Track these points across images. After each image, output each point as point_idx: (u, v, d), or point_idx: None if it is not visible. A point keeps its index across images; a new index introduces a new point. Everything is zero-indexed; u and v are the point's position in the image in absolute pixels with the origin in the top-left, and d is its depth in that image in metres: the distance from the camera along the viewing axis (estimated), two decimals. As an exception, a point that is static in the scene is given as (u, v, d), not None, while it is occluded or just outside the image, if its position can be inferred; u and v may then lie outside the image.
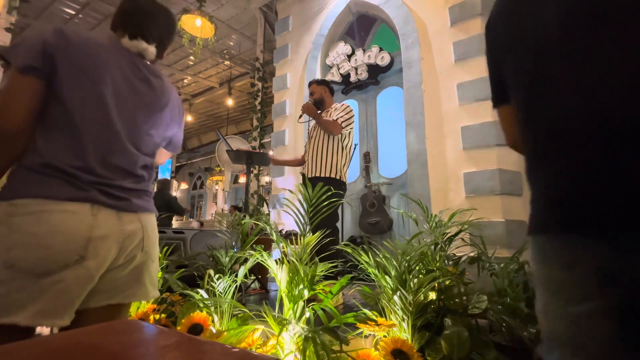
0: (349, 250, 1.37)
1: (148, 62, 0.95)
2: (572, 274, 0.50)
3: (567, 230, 0.50)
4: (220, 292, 1.37)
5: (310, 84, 2.53)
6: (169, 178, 5.97)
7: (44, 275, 0.66)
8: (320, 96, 2.44)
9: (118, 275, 0.78)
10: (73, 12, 6.03)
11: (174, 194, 10.56)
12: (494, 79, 0.69)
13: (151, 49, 0.95)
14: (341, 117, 2.28)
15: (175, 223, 10.43)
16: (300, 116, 2.48)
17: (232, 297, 1.40)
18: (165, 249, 1.86)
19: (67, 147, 0.71)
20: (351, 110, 2.34)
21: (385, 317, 1.24)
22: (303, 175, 2.40)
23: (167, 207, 4.56)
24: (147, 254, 0.85)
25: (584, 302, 0.48)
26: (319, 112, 2.36)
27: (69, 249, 0.68)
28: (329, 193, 1.38)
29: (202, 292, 1.33)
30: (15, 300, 0.63)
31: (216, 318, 1.32)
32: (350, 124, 2.32)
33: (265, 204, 4.58)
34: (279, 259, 1.24)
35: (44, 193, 0.67)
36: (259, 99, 5.15)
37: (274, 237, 1.33)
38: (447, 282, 1.38)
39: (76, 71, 0.76)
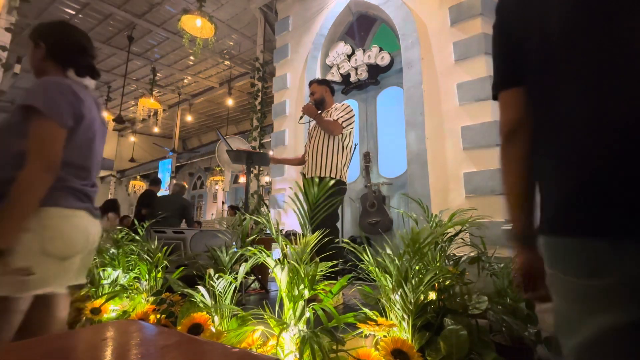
0: (349, 247, 1.37)
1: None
2: (599, 281, 0.44)
3: (594, 233, 0.45)
4: (220, 291, 1.37)
5: (310, 83, 2.52)
6: (185, 184, 5.86)
7: (66, 259, 0.96)
8: (321, 96, 2.43)
9: (87, 258, 1.10)
10: (73, 12, 6.03)
11: (174, 194, 10.55)
12: (503, 60, 0.65)
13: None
14: (342, 117, 2.28)
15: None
16: (301, 117, 2.47)
17: (232, 297, 1.40)
18: (165, 248, 1.86)
19: (77, 175, 1.02)
20: (352, 110, 2.33)
21: (386, 316, 1.24)
22: (303, 175, 2.40)
23: (181, 211, 4.35)
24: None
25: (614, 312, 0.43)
26: (319, 112, 2.36)
27: (81, 241, 1.01)
28: (331, 191, 1.38)
29: (202, 290, 1.33)
30: (49, 277, 0.92)
31: (216, 318, 1.32)
32: (350, 123, 2.32)
33: (265, 204, 4.58)
34: (279, 258, 1.23)
35: (66, 204, 0.97)
36: (259, 99, 5.15)
37: (275, 235, 1.33)
38: (447, 282, 1.38)
39: (86, 122, 1.03)
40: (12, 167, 0.89)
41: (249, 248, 1.36)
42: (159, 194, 5.49)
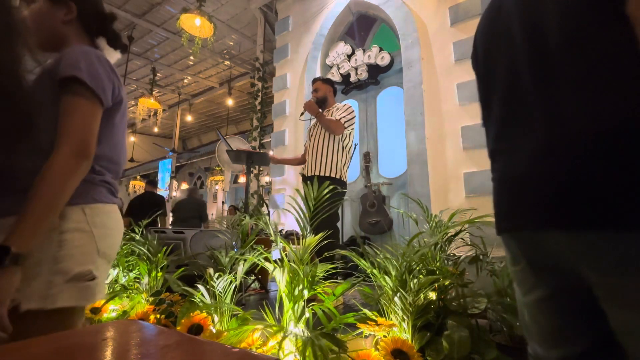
0: (349, 254, 1.37)
1: None
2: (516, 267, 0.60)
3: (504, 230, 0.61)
4: (219, 292, 1.37)
5: (314, 80, 2.51)
6: (197, 187, 6.18)
7: (112, 259, 0.87)
8: (324, 94, 2.43)
9: None
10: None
11: (173, 194, 10.57)
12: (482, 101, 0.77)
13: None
14: (343, 117, 2.28)
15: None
16: (302, 113, 2.46)
17: (232, 297, 1.40)
18: (165, 248, 1.86)
19: (109, 168, 0.88)
20: (353, 111, 2.34)
21: (386, 317, 1.24)
22: (303, 175, 2.40)
23: (198, 212, 4.69)
24: None
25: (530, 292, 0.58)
26: (320, 110, 2.35)
27: (121, 239, 0.92)
28: (330, 188, 1.38)
29: (202, 289, 1.33)
30: (101, 283, 0.81)
31: (216, 318, 1.32)
32: (352, 124, 2.32)
33: (265, 204, 4.59)
34: (279, 259, 1.23)
35: (106, 199, 0.85)
36: (259, 99, 5.15)
37: (274, 238, 1.33)
38: (447, 282, 1.38)
39: (123, 106, 0.90)
40: (36, 153, 0.73)
41: (248, 257, 1.36)
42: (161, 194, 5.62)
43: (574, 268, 0.49)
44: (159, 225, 4.50)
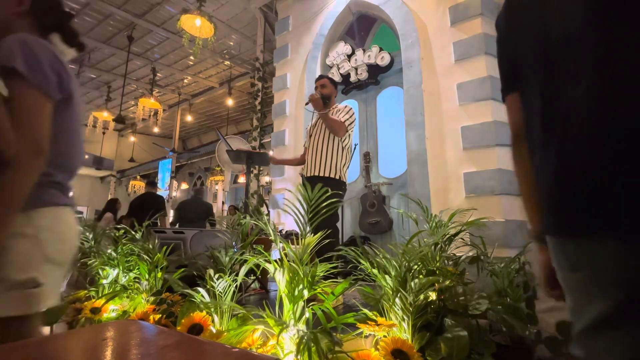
0: (349, 252, 1.37)
1: None
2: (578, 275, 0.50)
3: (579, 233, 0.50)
4: (220, 292, 1.37)
5: (322, 76, 2.49)
6: (202, 188, 6.30)
7: (64, 264, 0.83)
8: (330, 93, 2.43)
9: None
10: (73, 12, 6.02)
11: (173, 193, 10.57)
12: (505, 68, 0.70)
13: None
14: (346, 119, 2.28)
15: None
16: (307, 103, 2.39)
17: (232, 297, 1.40)
18: (165, 248, 1.86)
19: (62, 167, 0.84)
20: (354, 113, 2.35)
21: (386, 317, 1.24)
22: (302, 176, 2.40)
23: (206, 213, 4.77)
24: None
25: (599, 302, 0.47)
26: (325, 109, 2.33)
27: (76, 241, 0.88)
28: (329, 194, 1.38)
29: (202, 291, 1.33)
30: (55, 286, 0.79)
31: (216, 318, 1.32)
32: (353, 126, 2.34)
33: (265, 205, 4.59)
34: (279, 259, 1.23)
35: (55, 201, 0.81)
36: (259, 99, 5.15)
37: (274, 239, 1.33)
38: (447, 282, 1.38)
39: (75, 101, 0.85)
40: None
41: (248, 257, 1.36)
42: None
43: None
44: (159, 225, 4.53)
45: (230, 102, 8.47)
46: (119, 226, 2.24)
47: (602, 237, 0.46)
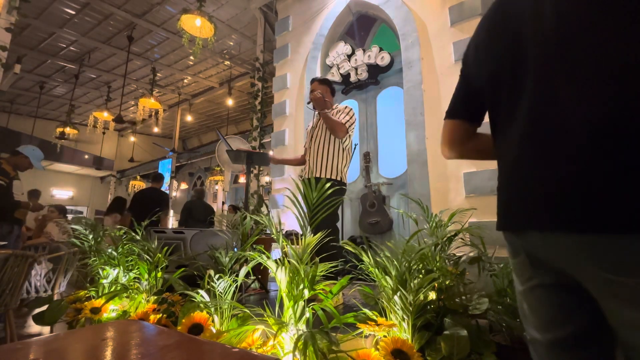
0: (349, 248, 1.37)
1: None
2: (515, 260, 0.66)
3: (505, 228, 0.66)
4: (220, 292, 1.37)
5: (312, 81, 2.50)
6: (202, 188, 6.37)
7: None
8: (322, 94, 2.42)
9: None
10: (73, 12, 6.03)
11: (173, 194, 10.57)
12: (464, 96, 0.85)
13: None
14: (347, 121, 2.28)
15: (177, 223, 10.44)
16: (309, 102, 2.36)
17: (232, 297, 1.40)
18: (165, 249, 1.86)
19: None
20: (354, 113, 2.34)
21: (386, 317, 1.24)
22: (302, 178, 2.39)
23: (206, 216, 4.84)
24: None
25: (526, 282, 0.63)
26: (326, 110, 2.33)
27: None
28: (330, 191, 1.38)
29: (202, 292, 1.33)
30: None
31: (216, 318, 1.32)
32: (353, 127, 2.34)
33: (265, 204, 4.59)
34: (279, 259, 1.23)
35: None
36: (259, 99, 5.15)
37: (276, 236, 1.33)
38: (447, 282, 1.38)
39: None
40: None
41: (250, 253, 1.36)
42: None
43: (568, 266, 0.54)
44: (160, 224, 4.51)
45: (230, 102, 8.47)
46: (119, 226, 2.24)
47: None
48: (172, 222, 10.41)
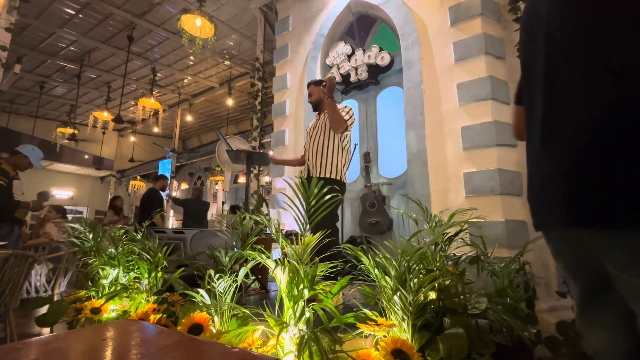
0: (348, 251, 1.37)
1: None
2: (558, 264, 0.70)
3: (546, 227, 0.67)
4: (220, 292, 1.37)
5: (308, 85, 2.52)
6: (201, 187, 6.46)
7: None
8: (319, 97, 2.43)
9: None
10: (73, 12, 6.03)
11: (173, 193, 10.56)
12: (520, 84, 0.81)
13: None
14: (346, 119, 2.30)
15: (176, 223, 10.43)
16: (324, 84, 2.31)
17: (232, 297, 1.40)
18: (165, 248, 1.86)
19: None
20: (354, 114, 2.36)
21: (386, 317, 1.24)
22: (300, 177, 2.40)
23: (206, 212, 5.02)
24: None
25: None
26: (317, 112, 2.35)
27: None
28: (328, 188, 1.38)
29: (202, 292, 1.33)
30: None
31: (216, 318, 1.32)
32: (352, 127, 2.36)
33: (265, 204, 4.59)
34: (279, 259, 1.23)
35: None
36: (259, 99, 5.15)
37: (276, 235, 1.32)
38: (447, 282, 1.38)
39: None
40: None
41: (250, 252, 1.36)
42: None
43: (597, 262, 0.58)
44: (155, 224, 4.55)
45: (230, 102, 8.47)
46: (119, 225, 2.24)
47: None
48: (172, 222, 10.40)
